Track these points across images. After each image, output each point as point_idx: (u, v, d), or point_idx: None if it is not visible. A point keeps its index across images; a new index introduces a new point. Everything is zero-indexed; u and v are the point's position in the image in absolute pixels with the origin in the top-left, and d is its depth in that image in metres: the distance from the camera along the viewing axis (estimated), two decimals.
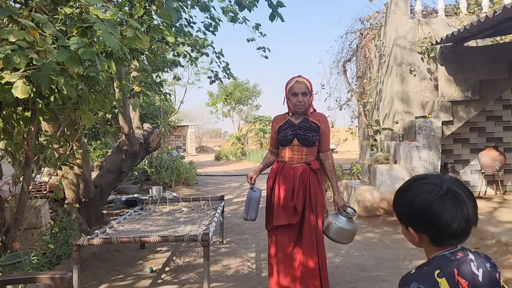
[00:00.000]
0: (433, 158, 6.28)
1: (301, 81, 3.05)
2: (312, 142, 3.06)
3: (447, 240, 1.19)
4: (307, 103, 3.05)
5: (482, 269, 1.17)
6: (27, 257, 3.37)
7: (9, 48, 2.57)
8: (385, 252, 4.55)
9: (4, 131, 3.25)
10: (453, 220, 1.14)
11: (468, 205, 1.17)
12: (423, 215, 1.17)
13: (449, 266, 1.15)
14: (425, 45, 6.89)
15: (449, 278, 1.12)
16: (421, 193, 1.18)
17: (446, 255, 1.19)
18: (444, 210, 1.14)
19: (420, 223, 1.19)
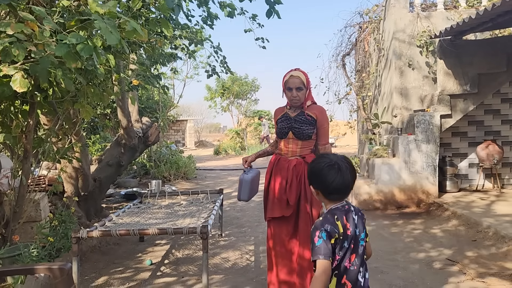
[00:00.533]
0: (431, 152, 6.30)
1: (296, 75, 3.01)
2: (307, 135, 3.04)
3: (333, 195, 1.83)
4: (302, 97, 3.03)
5: (358, 216, 1.85)
6: (26, 249, 3.39)
7: (7, 41, 2.57)
8: (382, 244, 4.58)
9: (3, 125, 3.25)
10: (333, 181, 1.79)
11: (346, 174, 1.80)
12: (316, 176, 1.85)
13: (341, 214, 1.80)
14: (424, 39, 6.89)
15: (341, 221, 1.77)
16: (318, 163, 1.86)
17: (339, 207, 1.83)
18: (328, 174, 1.80)
19: (315, 182, 1.87)
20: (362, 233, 1.84)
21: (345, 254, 1.76)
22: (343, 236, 1.74)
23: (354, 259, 1.78)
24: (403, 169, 6.33)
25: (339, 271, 1.76)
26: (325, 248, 1.69)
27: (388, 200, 6.35)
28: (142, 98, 12.55)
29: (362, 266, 1.82)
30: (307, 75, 3.06)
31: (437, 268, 3.78)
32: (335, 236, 1.72)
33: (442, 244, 4.46)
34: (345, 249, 1.75)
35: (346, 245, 1.76)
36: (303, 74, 3.04)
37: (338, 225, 1.75)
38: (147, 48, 4.04)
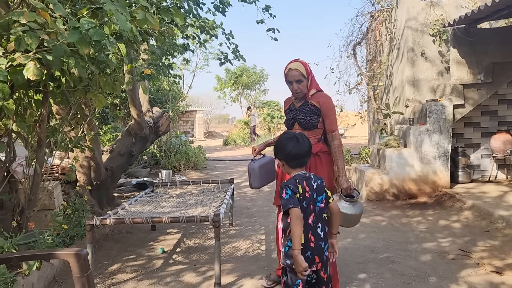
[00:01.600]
0: (444, 142, 6.24)
1: (294, 67, 3.00)
2: (313, 125, 3.04)
3: (293, 162, 2.27)
4: (303, 89, 3.03)
5: (317, 183, 2.26)
6: (41, 237, 3.44)
7: (20, 30, 2.58)
8: (394, 234, 4.56)
9: (17, 114, 3.28)
10: (292, 149, 2.24)
11: (302, 144, 2.26)
12: (279, 149, 2.31)
13: (302, 179, 2.22)
14: (437, 27, 6.78)
15: (302, 185, 2.19)
16: (280, 138, 2.34)
17: (301, 173, 2.27)
18: (288, 144, 2.26)
19: (279, 153, 2.32)
20: (320, 196, 2.25)
21: (305, 212, 2.16)
22: (303, 197, 2.17)
23: (313, 217, 2.20)
24: (415, 160, 6.28)
25: (305, 228, 2.13)
26: (293, 199, 2.12)
27: (399, 191, 6.32)
28: (152, 88, 12.58)
29: (320, 222, 2.24)
30: (306, 65, 3.03)
31: (449, 258, 3.76)
32: (297, 195, 2.15)
33: (454, 235, 4.43)
34: (304, 208, 2.16)
35: (305, 205, 2.18)
36: (302, 65, 3.01)
37: (299, 187, 2.18)
38: (158, 37, 4.03)
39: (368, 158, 8.32)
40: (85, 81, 3.40)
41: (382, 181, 6.36)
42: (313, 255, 2.17)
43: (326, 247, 2.26)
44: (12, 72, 2.73)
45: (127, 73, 4.98)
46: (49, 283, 3.34)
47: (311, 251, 2.16)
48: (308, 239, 2.15)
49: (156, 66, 5.32)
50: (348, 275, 3.44)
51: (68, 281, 3.42)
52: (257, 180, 3.19)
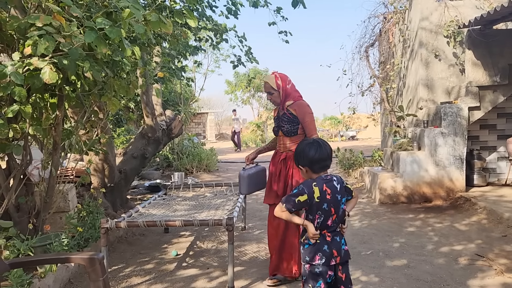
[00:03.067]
0: (459, 145, 6.15)
1: (266, 80, 3.33)
2: (293, 132, 3.31)
3: (316, 166, 2.25)
4: (276, 99, 3.35)
5: (340, 184, 2.27)
6: (57, 239, 3.47)
7: (36, 34, 2.61)
8: (408, 238, 4.51)
9: (33, 117, 3.31)
10: (315, 154, 2.22)
11: (323, 148, 2.25)
12: (301, 155, 2.28)
13: (321, 181, 2.22)
14: (452, 29, 6.69)
15: (320, 187, 2.20)
16: (300, 145, 2.33)
17: (322, 176, 2.26)
18: (310, 150, 2.24)
19: (302, 160, 2.28)
20: (343, 198, 2.29)
21: (327, 214, 2.20)
22: (321, 198, 2.19)
23: (335, 219, 2.23)
24: (429, 163, 6.20)
25: (322, 226, 2.21)
26: (291, 201, 2.21)
27: (413, 194, 6.25)
28: (165, 91, 12.65)
29: (341, 223, 2.30)
30: (277, 78, 3.31)
31: (465, 263, 3.70)
32: (305, 197, 2.18)
33: (470, 239, 4.36)
34: (324, 210, 2.20)
35: (325, 207, 2.20)
36: (273, 77, 3.32)
37: (315, 189, 2.19)
38: (171, 40, 4.05)
39: (381, 161, 8.24)
40: (99, 85, 3.43)
41: (396, 184, 6.29)
42: (331, 249, 2.19)
43: (343, 241, 2.27)
44: (28, 76, 2.77)
45: (140, 76, 5.02)
46: (64, 285, 3.37)
47: (328, 245, 2.19)
48: (323, 235, 2.21)
49: (169, 69, 5.35)
50: (362, 279, 3.40)
51: (83, 283, 3.45)
52: (245, 188, 3.48)
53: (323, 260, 2.15)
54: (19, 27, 2.80)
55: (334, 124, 30.40)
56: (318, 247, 2.18)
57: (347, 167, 9.57)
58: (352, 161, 9.52)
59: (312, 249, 2.19)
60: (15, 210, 3.61)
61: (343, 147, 11.35)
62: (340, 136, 26.26)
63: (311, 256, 2.18)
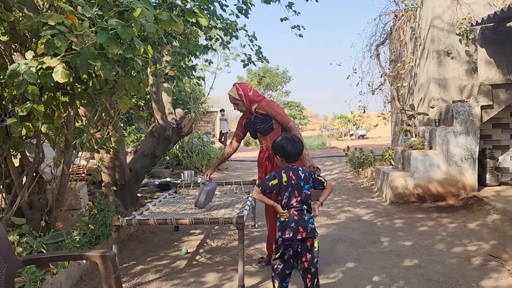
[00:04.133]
0: (471, 144, 6.08)
1: (229, 93, 3.65)
2: (269, 129, 3.60)
3: (290, 158, 2.79)
4: (242, 108, 3.67)
5: (305, 173, 2.75)
6: (69, 236, 3.50)
7: (49, 33, 2.64)
8: (419, 238, 4.47)
9: (45, 116, 3.35)
10: (291, 150, 2.76)
11: (298, 146, 2.79)
12: (279, 148, 2.80)
13: (288, 169, 2.73)
14: (464, 26, 6.61)
15: (287, 174, 2.70)
16: (280, 140, 2.84)
17: (289, 166, 2.77)
18: (287, 145, 2.77)
19: (279, 152, 2.82)
20: (306, 185, 2.73)
21: (291, 195, 2.69)
22: (287, 183, 2.69)
23: (299, 201, 2.68)
24: (441, 162, 6.14)
25: (288, 205, 2.69)
26: (265, 185, 2.72)
27: (424, 193, 6.19)
28: (175, 90, 12.70)
29: (305, 205, 2.71)
30: (238, 89, 3.62)
31: (477, 263, 3.66)
32: (276, 181, 2.70)
33: (482, 239, 4.31)
34: (289, 192, 2.69)
35: (290, 190, 2.69)
36: (234, 89, 3.63)
37: (283, 175, 2.71)
38: (182, 39, 4.06)
39: (392, 160, 8.18)
40: (110, 83, 3.45)
41: (407, 183, 6.24)
42: (297, 226, 2.64)
43: (311, 221, 2.70)
44: (41, 75, 2.80)
45: (151, 75, 5.04)
46: (76, 282, 3.40)
47: (295, 222, 2.65)
48: (291, 214, 2.67)
49: (180, 68, 5.36)
50: (373, 279, 3.38)
51: (94, 280, 3.47)
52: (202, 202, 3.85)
53: (291, 234, 2.63)
54: (32, 26, 2.83)
55: (344, 122, 30.28)
56: (287, 224, 2.65)
57: (357, 166, 9.52)
58: (362, 160, 9.46)
59: (283, 225, 2.68)
60: (28, 208, 3.65)
61: (353, 146, 11.28)
62: (350, 135, 26.14)
63: (282, 231, 2.66)
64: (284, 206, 2.69)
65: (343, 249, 4.22)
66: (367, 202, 6.53)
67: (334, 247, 4.27)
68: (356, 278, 3.43)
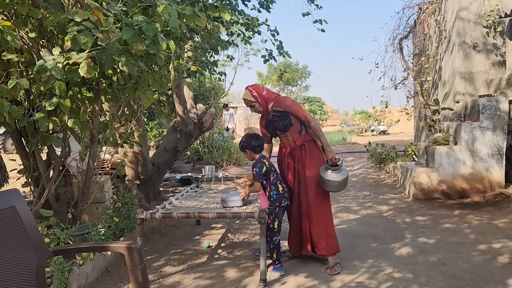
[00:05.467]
0: (498, 140, 5.93)
1: (243, 97, 3.68)
2: (287, 126, 3.64)
3: (258, 151, 3.57)
4: (259, 109, 3.70)
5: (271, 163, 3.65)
6: (95, 228, 3.58)
7: (76, 29, 2.68)
8: (444, 235, 4.39)
9: (71, 111, 3.42)
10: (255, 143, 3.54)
11: (260, 139, 3.61)
12: (246, 144, 3.57)
13: (262, 157, 3.56)
14: (492, 18, 6.44)
15: (267, 160, 3.56)
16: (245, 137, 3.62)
17: (262, 155, 3.58)
18: (252, 140, 3.55)
19: (247, 147, 3.57)
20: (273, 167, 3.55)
21: (275, 174, 3.53)
22: (269, 166, 3.51)
23: (280, 178, 3.57)
24: (466, 158, 6.01)
25: (276, 182, 3.51)
26: (260, 175, 3.45)
27: (449, 190, 6.08)
28: (196, 85, 12.78)
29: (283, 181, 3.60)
30: (252, 91, 3.64)
31: (504, 262, 3.57)
32: (264, 168, 3.45)
33: (509, 237, 4.20)
34: (273, 172, 3.52)
35: (273, 170, 3.53)
36: (248, 92, 3.66)
37: (265, 162, 3.49)
38: (204, 34, 4.07)
39: (414, 156, 8.05)
40: (134, 79, 3.50)
41: (430, 180, 6.14)
42: (285, 197, 3.54)
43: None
44: (68, 70, 2.85)
45: (173, 70, 5.08)
46: (101, 273, 3.48)
47: (287, 193, 3.57)
48: (283, 187, 3.54)
49: (202, 63, 5.39)
50: (395, 276, 3.35)
51: (119, 271, 3.54)
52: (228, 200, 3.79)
53: (287, 203, 3.54)
54: (58, 22, 2.88)
55: (365, 118, 29.91)
56: (282, 196, 3.51)
57: (378, 162, 9.41)
58: (384, 155, 9.34)
59: (279, 197, 3.49)
60: (55, 200, 3.75)
61: (374, 142, 11.14)
62: (371, 130, 25.83)
63: (280, 201, 3.50)
64: (273, 183, 3.49)
65: (365, 245, 4.18)
66: (390, 198, 6.45)
67: (356, 243, 4.24)
68: (378, 274, 3.39)
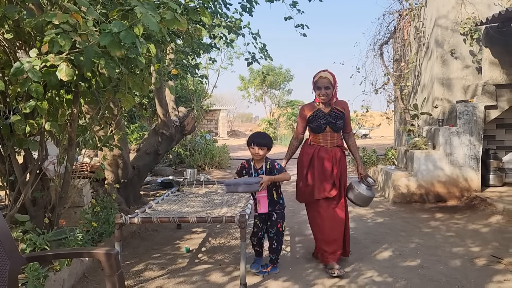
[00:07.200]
0: (475, 144, 6.07)
1: (324, 76, 3.53)
2: (341, 128, 3.67)
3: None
4: (330, 94, 3.55)
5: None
6: (72, 233, 3.51)
7: (54, 32, 2.64)
8: (422, 238, 4.46)
9: (49, 113, 3.36)
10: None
11: (267, 138, 3.49)
12: (271, 142, 3.49)
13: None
14: (469, 26, 6.60)
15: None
16: (265, 137, 3.52)
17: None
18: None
19: (270, 145, 3.47)
20: None
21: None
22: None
23: None
24: (444, 162, 6.13)
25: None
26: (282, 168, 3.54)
27: (427, 193, 6.18)
28: (178, 87, 12.71)
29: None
30: (334, 76, 3.57)
31: (480, 264, 3.65)
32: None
33: (486, 240, 4.30)
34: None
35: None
36: (330, 75, 3.56)
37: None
38: (186, 37, 4.05)
39: (395, 160, 8.17)
40: (114, 81, 3.46)
41: (409, 183, 6.23)
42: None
43: None
44: (45, 73, 2.80)
45: (154, 73, 5.04)
46: (79, 279, 3.42)
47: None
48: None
49: (183, 66, 5.36)
50: (375, 279, 3.38)
51: (97, 277, 3.49)
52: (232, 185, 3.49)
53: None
54: (36, 24, 2.83)
55: None
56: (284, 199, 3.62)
57: None
58: (365, 159, 9.45)
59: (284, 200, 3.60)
60: (31, 205, 3.67)
61: None
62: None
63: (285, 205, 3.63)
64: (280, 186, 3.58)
65: None
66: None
67: None
68: (358, 278, 3.43)
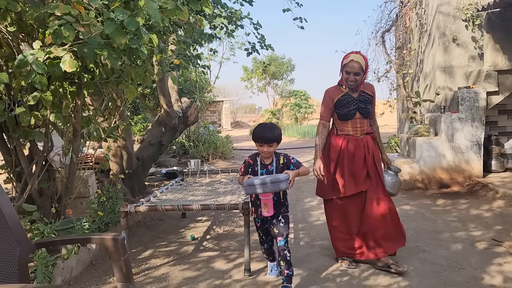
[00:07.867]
0: (476, 130, 6.08)
1: (357, 60, 3.12)
2: (370, 112, 3.32)
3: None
4: (359, 81, 3.19)
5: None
6: (79, 223, 3.58)
7: (57, 23, 2.67)
8: (424, 223, 4.51)
9: (53, 105, 3.40)
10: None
11: (275, 130, 2.93)
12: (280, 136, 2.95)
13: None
14: (471, 12, 6.56)
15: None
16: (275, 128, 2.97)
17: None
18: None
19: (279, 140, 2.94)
20: None
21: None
22: None
23: None
24: (446, 148, 6.15)
25: None
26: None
27: (429, 180, 6.22)
28: (180, 79, 12.73)
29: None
30: (367, 60, 3.20)
31: (481, 248, 3.70)
32: None
33: (487, 225, 4.34)
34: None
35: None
36: (363, 59, 3.17)
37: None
38: (187, 28, 4.07)
39: (397, 147, 8.19)
40: (117, 73, 3.50)
41: (412, 170, 6.27)
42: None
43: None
44: (49, 64, 2.84)
45: (156, 64, 5.08)
46: (86, 267, 3.49)
47: None
48: None
49: (185, 57, 5.39)
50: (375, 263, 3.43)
51: (104, 265, 3.56)
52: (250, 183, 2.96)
53: None
54: (38, 16, 2.86)
55: None
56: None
57: None
58: None
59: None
60: (38, 195, 3.73)
61: None
62: None
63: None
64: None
65: None
66: None
67: None
68: (360, 261, 3.48)
